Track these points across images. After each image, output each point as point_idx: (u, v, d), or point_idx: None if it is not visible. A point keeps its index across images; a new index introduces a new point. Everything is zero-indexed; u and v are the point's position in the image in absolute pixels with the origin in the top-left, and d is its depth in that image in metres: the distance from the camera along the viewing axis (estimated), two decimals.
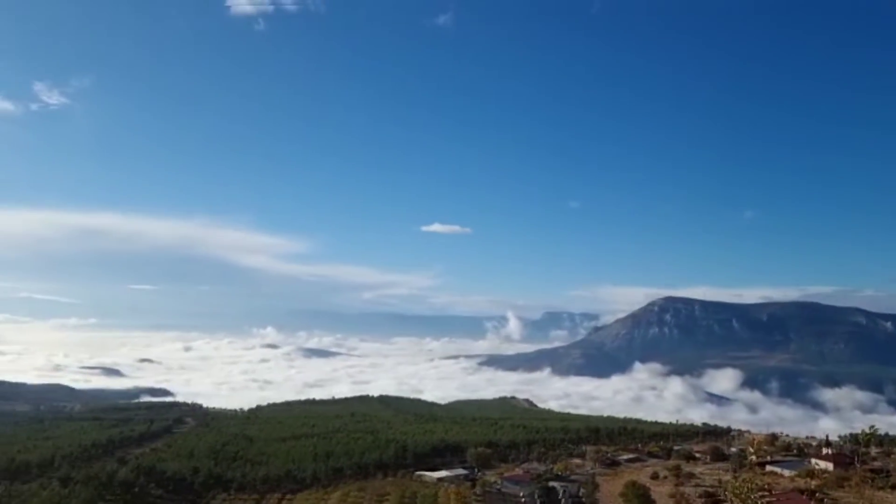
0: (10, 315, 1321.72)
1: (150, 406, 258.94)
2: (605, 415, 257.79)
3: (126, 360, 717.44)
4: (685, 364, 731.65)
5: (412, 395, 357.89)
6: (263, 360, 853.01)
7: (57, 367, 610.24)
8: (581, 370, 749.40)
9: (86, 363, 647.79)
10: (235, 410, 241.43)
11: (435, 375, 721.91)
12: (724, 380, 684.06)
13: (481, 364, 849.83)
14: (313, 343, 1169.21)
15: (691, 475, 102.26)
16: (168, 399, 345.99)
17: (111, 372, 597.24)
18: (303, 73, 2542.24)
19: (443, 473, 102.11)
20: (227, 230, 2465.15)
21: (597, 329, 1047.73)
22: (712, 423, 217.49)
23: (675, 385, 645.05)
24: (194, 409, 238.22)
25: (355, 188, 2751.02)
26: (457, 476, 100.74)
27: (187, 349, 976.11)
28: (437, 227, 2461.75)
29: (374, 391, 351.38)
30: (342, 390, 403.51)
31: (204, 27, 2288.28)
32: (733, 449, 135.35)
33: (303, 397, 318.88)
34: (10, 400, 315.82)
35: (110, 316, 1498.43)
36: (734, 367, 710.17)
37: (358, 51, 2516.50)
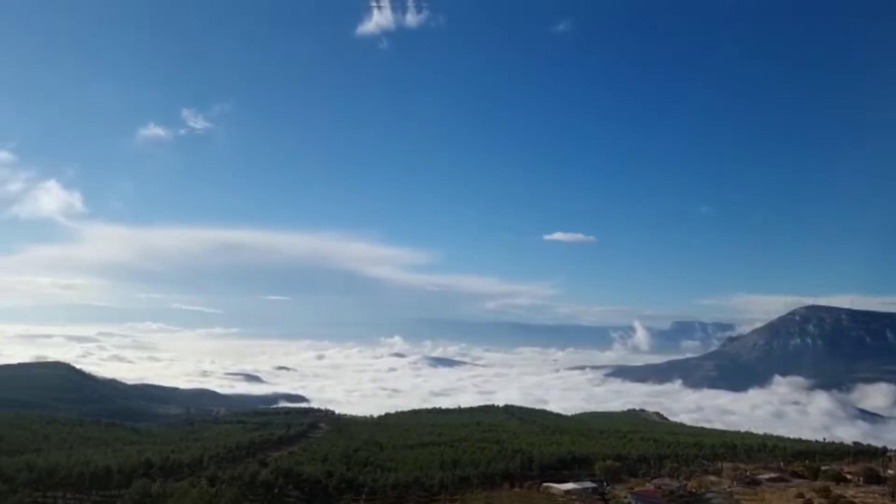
0: (164, 325, 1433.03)
1: (288, 411, 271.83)
2: (743, 430, 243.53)
3: (265, 367, 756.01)
4: (832, 377, 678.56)
5: (537, 406, 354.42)
6: (391, 369, 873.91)
7: (204, 373, 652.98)
8: (715, 383, 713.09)
9: (229, 369, 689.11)
10: (366, 417, 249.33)
11: (560, 386, 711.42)
12: (877, 395, 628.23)
13: (608, 375, 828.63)
14: (438, 352, 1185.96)
15: (842, 497, 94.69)
16: (303, 405, 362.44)
17: (252, 378, 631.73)
18: (425, 88, 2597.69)
19: (570, 486, 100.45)
20: (355, 243, 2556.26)
21: (731, 339, 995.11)
22: (864, 441, 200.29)
23: (821, 400, 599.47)
24: (328, 415, 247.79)
25: (477, 199, 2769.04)
26: (584, 489, 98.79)
27: (320, 357, 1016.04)
28: (559, 236, 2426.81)
29: (499, 401, 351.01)
30: (467, 399, 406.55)
31: (332, 50, 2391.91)
32: (890, 471, 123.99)
33: (429, 405, 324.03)
34: (165, 403, 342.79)
35: (250, 325, 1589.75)
36: (889, 381, 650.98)
37: (478, 62, 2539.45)
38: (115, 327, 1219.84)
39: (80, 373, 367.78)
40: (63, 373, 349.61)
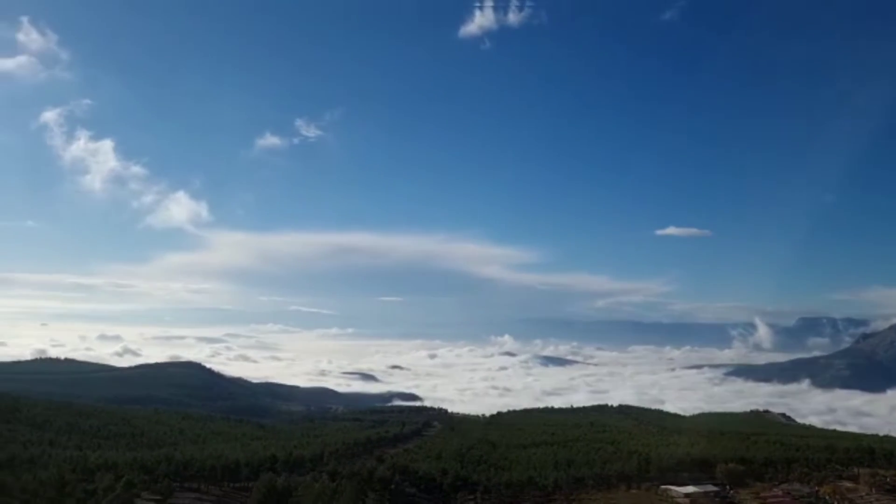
0: (284, 326, 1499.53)
1: (402, 409, 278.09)
2: (882, 434, 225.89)
3: (379, 367, 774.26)
4: None
5: (653, 406, 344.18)
6: (502, 368, 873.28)
7: (322, 373, 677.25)
8: (847, 382, 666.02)
9: (346, 369, 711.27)
10: (477, 416, 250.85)
11: (677, 386, 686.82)
12: None
13: (728, 374, 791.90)
14: (549, 351, 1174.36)
15: None
16: (417, 403, 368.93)
17: (367, 377, 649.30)
18: (529, 85, 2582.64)
19: (690, 489, 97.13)
20: (464, 244, 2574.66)
21: (865, 336, 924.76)
22: None
23: None
24: (440, 414, 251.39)
25: (586, 195, 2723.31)
26: (706, 492, 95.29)
27: (432, 356, 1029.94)
28: (672, 231, 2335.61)
29: (613, 401, 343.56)
30: (580, 399, 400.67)
31: (436, 53, 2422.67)
32: None
33: (541, 405, 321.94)
34: (287, 400, 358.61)
35: (365, 326, 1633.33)
36: None
37: (582, 56, 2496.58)
38: (241, 329, 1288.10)
39: (209, 372, 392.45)
40: (195, 372, 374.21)
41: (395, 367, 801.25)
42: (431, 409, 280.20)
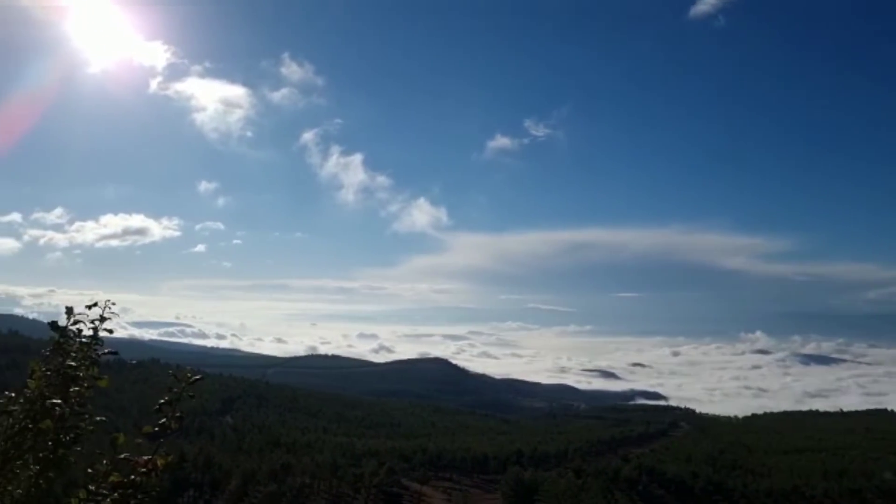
0: (523, 323, 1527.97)
1: (645, 409, 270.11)
2: None
3: (619, 364, 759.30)
4: None
5: None
6: (755, 367, 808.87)
7: (562, 370, 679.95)
8: None
9: (585, 366, 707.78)
10: (729, 417, 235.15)
11: None
12: None
13: None
14: (811, 348, 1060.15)
15: None
16: (661, 402, 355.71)
17: (607, 375, 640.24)
18: (772, 58, 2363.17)
19: None
20: (704, 234, 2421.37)
21: None
22: None
23: None
24: (687, 414, 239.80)
25: (845, 174, 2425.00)
26: None
27: (675, 354, 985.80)
28: None
29: (893, 404, 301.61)
30: (851, 402, 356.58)
31: (664, 39, 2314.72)
32: None
33: (803, 408, 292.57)
34: (529, 397, 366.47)
35: (602, 322, 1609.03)
36: None
37: (833, 15, 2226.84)
38: (482, 326, 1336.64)
39: (455, 368, 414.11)
40: (443, 367, 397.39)
41: (636, 364, 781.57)
42: (677, 408, 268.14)
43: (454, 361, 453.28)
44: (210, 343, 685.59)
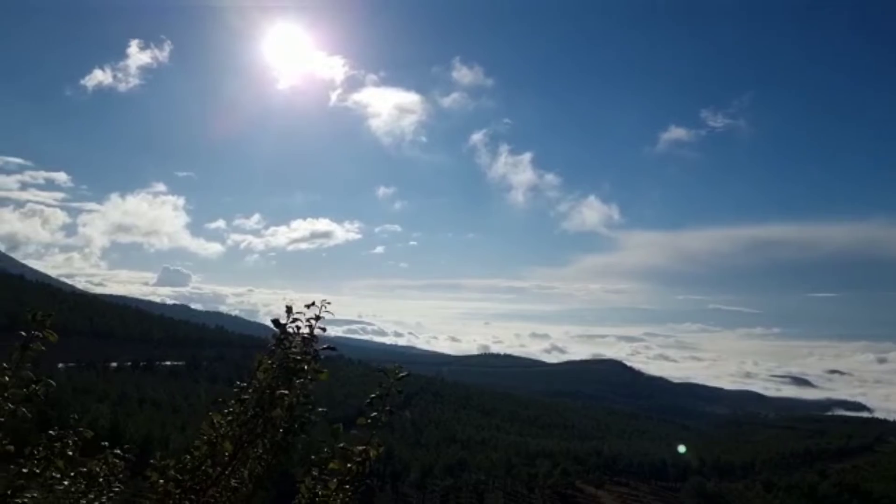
0: (703, 325, 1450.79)
1: (845, 420, 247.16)
2: None
3: (814, 371, 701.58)
4: None
5: None
6: None
7: (747, 375, 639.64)
8: None
9: (774, 372, 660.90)
10: None
11: None
12: None
13: None
14: None
15: None
16: (864, 414, 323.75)
17: (800, 382, 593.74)
18: None
19: None
20: None
21: None
22: None
23: None
24: None
25: None
26: None
27: (881, 361, 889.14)
28: None
29: None
30: None
31: (864, 11, 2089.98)
32: None
33: None
34: (710, 402, 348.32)
35: (792, 325, 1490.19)
36: None
37: None
38: (658, 328, 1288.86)
39: (630, 370, 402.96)
40: (616, 369, 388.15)
41: (833, 371, 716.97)
42: (884, 421, 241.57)
43: (629, 363, 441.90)
44: (389, 340, 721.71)
